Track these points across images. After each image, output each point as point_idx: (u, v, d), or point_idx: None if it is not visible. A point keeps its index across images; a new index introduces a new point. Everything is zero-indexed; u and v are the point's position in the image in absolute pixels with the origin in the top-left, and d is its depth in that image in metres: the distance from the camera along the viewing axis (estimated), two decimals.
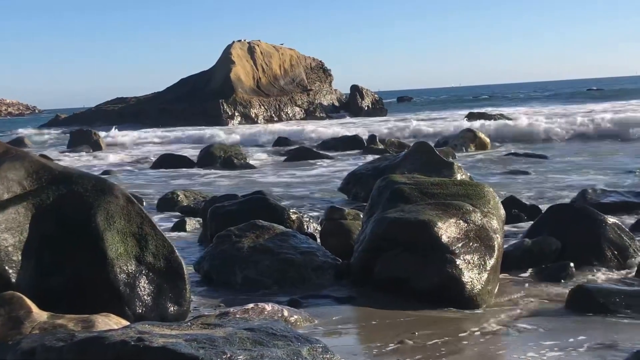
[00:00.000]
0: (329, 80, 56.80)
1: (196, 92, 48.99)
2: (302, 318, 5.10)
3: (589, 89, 78.09)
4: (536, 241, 6.70)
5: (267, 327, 3.41)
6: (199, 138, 31.42)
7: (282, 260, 6.35)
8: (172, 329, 3.37)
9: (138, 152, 26.64)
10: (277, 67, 52.28)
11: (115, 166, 21.32)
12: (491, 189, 6.61)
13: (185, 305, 4.91)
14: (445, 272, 5.62)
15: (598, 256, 6.60)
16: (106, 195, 4.89)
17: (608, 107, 36.52)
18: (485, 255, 5.84)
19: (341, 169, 17.13)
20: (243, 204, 8.27)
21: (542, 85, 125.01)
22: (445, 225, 5.80)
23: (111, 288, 4.66)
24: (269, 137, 28.77)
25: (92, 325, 4.05)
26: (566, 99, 55.15)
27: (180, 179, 16.89)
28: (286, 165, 19.23)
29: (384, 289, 5.83)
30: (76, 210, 4.80)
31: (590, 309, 5.21)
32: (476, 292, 5.61)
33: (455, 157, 17.90)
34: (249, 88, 48.98)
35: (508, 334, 4.84)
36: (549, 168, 15.80)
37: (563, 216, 7.03)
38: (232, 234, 6.72)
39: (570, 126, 24.85)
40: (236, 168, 18.78)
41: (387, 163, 12.35)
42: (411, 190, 6.40)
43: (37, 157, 5.17)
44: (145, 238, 4.88)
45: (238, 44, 51.65)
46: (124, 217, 4.87)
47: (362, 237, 6.33)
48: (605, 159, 17.08)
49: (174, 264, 4.91)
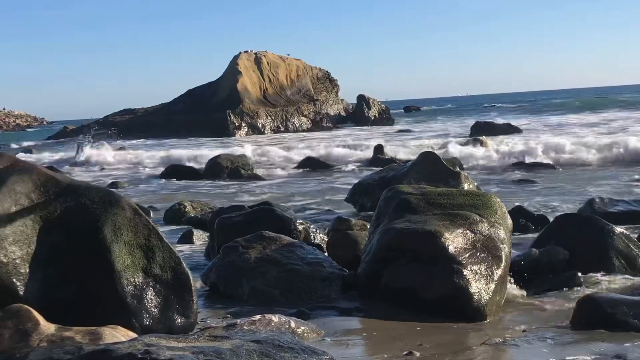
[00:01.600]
0: (335, 90, 56.87)
1: (203, 103, 49.13)
2: (309, 329, 5.09)
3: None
4: (544, 251, 6.69)
5: (274, 339, 3.41)
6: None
7: (289, 271, 6.35)
8: (179, 341, 3.37)
9: (146, 163, 26.65)
10: (284, 78, 52.39)
11: (123, 177, 21.37)
12: (498, 199, 6.60)
13: (193, 317, 4.91)
14: (452, 282, 5.62)
15: (606, 266, 6.58)
16: (113, 207, 4.90)
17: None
18: (492, 265, 5.83)
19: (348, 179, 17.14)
20: (250, 214, 8.28)
21: (548, 94, 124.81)
22: (452, 236, 5.80)
23: (118, 300, 4.66)
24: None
25: (99, 337, 4.05)
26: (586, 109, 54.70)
27: (188, 189, 16.93)
28: (293, 175, 19.21)
29: (391, 299, 5.83)
30: (83, 223, 4.80)
31: (598, 320, 5.17)
32: (483, 303, 5.60)
33: (462, 166, 17.88)
34: (255, 98, 49.09)
35: (516, 345, 4.82)
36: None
37: (570, 226, 7.02)
38: (239, 245, 6.73)
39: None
40: (243, 179, 18.79)
41: (394, 173, 12.35)
42: (418, 200, 6.39)
43: (44, 169, 5.18)
44: (152, 250, 4.89)
45: (245, 55, 51.80)
46: (131, 229, 4.88)
47: (369, 247, 6.33)
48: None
49: (181, 275, 4.91)
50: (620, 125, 33.21)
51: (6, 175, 4.80)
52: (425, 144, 26.47)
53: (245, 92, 48.44)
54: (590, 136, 24.85)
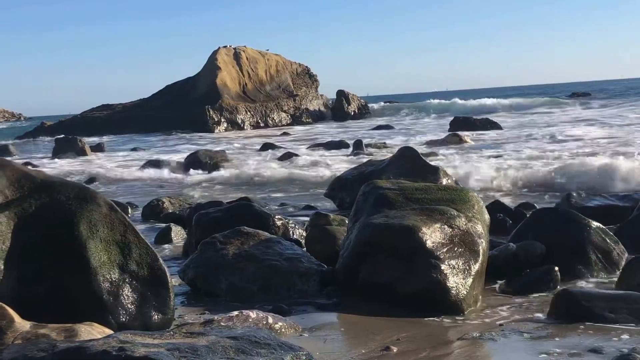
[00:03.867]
0: (315, 85, 56.84)
1: (182, 99, 48.95)
2: (287, 325, 5.08)
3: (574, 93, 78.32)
4: (521, 245, 6.71)
5: (251, 335, 3.40)
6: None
7: (267, 267, 6.33)
8: (155, 338, 3.35)
9: (124, 159, 26.55)
10: (263, 73, 52.31)
11: (101, 173, 21.22)
12: (475, 194, 6.63)
13: (169, 313, 4.89)
14: (430, 277, 5.62)
15: (583, 260, 6.61)
16: (89, 203, 4.87)
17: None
18: (470, 260, 5.84)
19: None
20: (228, 210, 8.26)
21: (532, 88, 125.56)
22: (430, 231, 5.81)
23: (94, 297, 4.64)
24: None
25: (74, 334, 4.02)
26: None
27: (167, 184, 16.85)
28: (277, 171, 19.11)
29: (369, 294, 5.82)
30: (59, 219, 4.77)
31: (574, 313, 5.20)
32: (461, 298, 5.61)
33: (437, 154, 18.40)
34: (235, 94, 48.98)
35: (493, 339, 4.84)
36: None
37: (547, 220, 7.05)
38: (217, 241, 6.69)
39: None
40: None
41: (373, 168, 12.35)
42: (396, 195, 6.40)
43: (19, 165, 5.14)
44: (128, 246, 4.87)
45: (224, 50, 51.65)
46: (107, 225, 4.85)
47: (347, 242, 6.33)
48: None
49: (158, 272, 4.89)
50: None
51: None
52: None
53: (225, 87, 48.31)
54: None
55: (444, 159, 18.50)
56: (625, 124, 29.09)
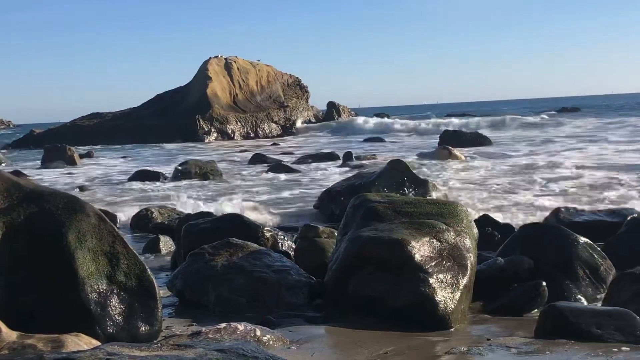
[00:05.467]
0: (305, 96, 56.92)
1: (172, 108, 48.90)
2: (275, 338, 5.07)
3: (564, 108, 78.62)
4: (509, 260, 6.72)
5: (238, 348, 3.39)
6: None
7: (255, 279, 6.32)
8: (142, 350, 3.33)
9: (113, 168, 26.50)
10: (254, 84, 52.33)
11: (90, 181, 21.17)
12: (464, 208, 6.65)
13: (157, 324, 4.88)
14: (418, 291, 5.63)
15: (570, 276, 6.63)
16: (78, 213, 4.86)
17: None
18: (458, 274, 5.85)
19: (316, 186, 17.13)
20: (217, 221, 8.25)
21: (523, 102, 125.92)
22: (419, 244, 5.82)
23: (82, 307, 4.62)
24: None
25: (61, 345, 4.01)
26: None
27: (156, 194, 16.81)
28: (267, 183, 19.09)
29: (358, 308, 5.83)
30: (47, 229, 4.76)
31: (562, 329, 5.20)
32: (449, 311, 5.62)
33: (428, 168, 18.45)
34: (225, 104, 48.96)
35: (480, 354, 4.84)
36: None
37: (535, 235, 7.07)
38: (206, 252, 6.68)
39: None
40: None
41: (362, 181, 12.38)
42: (385, 208, 6.41)
43: (7, 174, 5.12)
44: (117, 257, 4.85)
45: (215, 60, 51.67)
46: (95, 235, 4.84)
47: (336, 255, 6.33)
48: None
49: (146, 283, 4.88)
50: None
51: None
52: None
53: (215, 97, 48.30)
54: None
55: (432, 172, 18.55)
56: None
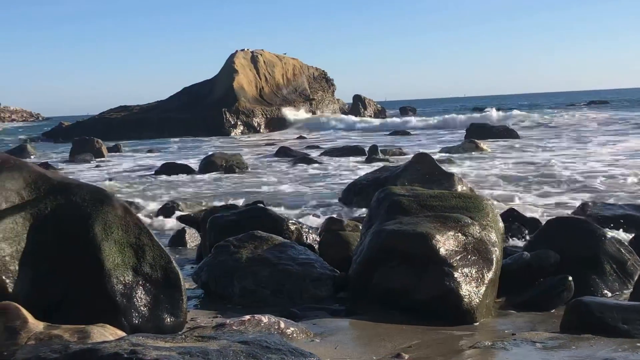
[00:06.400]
0: (331, 89, 56.93)
1: (199, 101, 49.09)
2: (299, 330, 5.08)
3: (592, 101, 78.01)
4: (535, 254, 6.68)
5: (262, 340, 3.41)
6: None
7: (280, 272, 6.34)
8: (167, 341, 3.36)
9: (140, 160, 26.69)
10: (280, 77, 52.41)
11: (117, 174, 21.33)
12: (490, 202, 6.61)
13: (182, 316, 4.90)
14: (442, 284, 5.61)
15: (597, 270, 6.58)
16: (104, 205, 4.90)
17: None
18: (483, 268, 5.83)
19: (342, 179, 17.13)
20: (242, 214, 8.27)
21: (557, 95, 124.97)
22: (444, 238, 5.80)
23: (108, 299, 4.65)
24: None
25: (87, 336, 4.05)
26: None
27: (182, 187, 16.90)
28: (292, 176, 19.11)
29: (382, 301, 5.82)
30: (74, 221, 4.80)
31: (587, 323, 5.16)
32: (474, 306, 5.60)
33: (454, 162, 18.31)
34: (251, 97, 49.09)
35: (505, 349, 4.81)
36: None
37: (562, 229, 7.01)
38: (231, 245, 6.71)
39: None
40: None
41: (387, 174, 12.35)
42: (410, 202, 6.39)
43: (35, 167, 5.17)
44: (142, 249, 4.88)
45: (241, 53, 51.80)
46: (121, 227, 4.88)
47: (360, 248, 6.33)
48: None
49: (171, 274, 4.91)
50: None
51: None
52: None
53: (241, 90, 48.43)
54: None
55: (458, 165, 18.49)
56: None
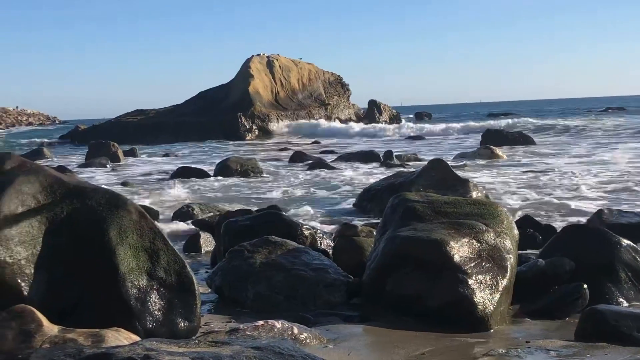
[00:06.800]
0: (347, 94, 56.97)
1: (214, 106, 49.26)
2: (312, 336, 5.08)
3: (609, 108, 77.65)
4: (550, 262, 6.65)
5: (275, 346, 3.41)
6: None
7: (293, 277, 6.35)
8: (180, 346, 3.37)
9: (156, 164, 26.78)
10: (296, 81, 52.51)
11: (132, 178, 21.41)
12: (505, 209, 6.59)
13: (196, 320, 4.92)
14: (456, 291, 5.60)
15: (612, 278, 6.53)
16: (119, 209, 4.92)
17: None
18: (497, 275, 5.81)
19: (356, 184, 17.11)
20: (256, 219, 8.28)
21: (563, 102, 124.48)
22: (458, 245, 5.79)
23: (122, 303, 4.67)
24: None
25: (101, 340, 4.07)
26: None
27: (197, 191, 16.94)
28: (306, 180, 19.12)
29: (395, 307, 5.82)
30: (89, 224, 4.82)
31: (602, 332, 5.14)
32: (488, 313, 5.58)
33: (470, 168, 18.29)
34: (267, 102, 49.21)
35: (519, 357, 4.79)
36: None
37: (577, 237, 6.98)
38: (245, 250, 6.73)
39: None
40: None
41: (402, 180, 12.34)
42: (424, 208, 6.39)
43: (51, 171, 5.20)
44: (157, 253, 4.90)
45: (257, 58, 51.94)
46: (136, 231, 4.90)
47: (374, 254, 6.32)
48: None
49: (185, 279, 4.92)
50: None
51: (13, 176, 4.83)
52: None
53: (257, 95, 48.56)
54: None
55: (474, 171, 18.44)
56: None
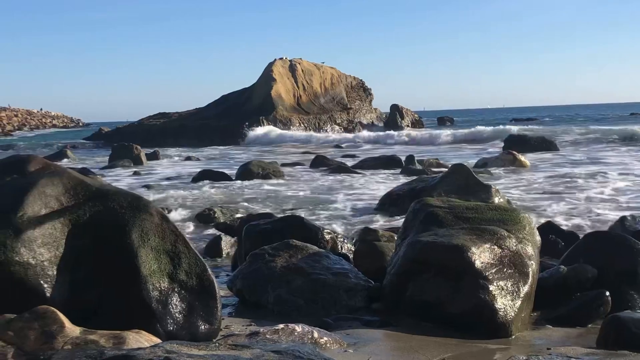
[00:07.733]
0: (369, 99, 56.96)
1: (237, 109, 49.43)
2: (332, 340, 5.08)
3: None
4: (572, 269, 6.60)
5: (295, 350, 3.42)
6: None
7: (314, 281, 6.36)
8: (200, 349, 3.39)
9: (178, 167, 26.91)
10: (318, 85, 52.56)
11: (155, 181, 21.52)
12: (527, 215, 6.56)
13: (216, 323, 4.93)
14: (477, 297, 5.58)
15: (635, 285, 6.49)
16: (141, 212, 4.95)
17: None
18: (519, 282, 5.78)
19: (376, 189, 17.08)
20: (277, 222, 8.30)
21: (585, 108, 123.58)
22: (479, 251, 5.77)
23: (144, 305, 4.70)
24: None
25: (123, 342, 4.09)
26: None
27: (219, 194, 17.00)
28: (328, 185, 19.11)
29: (416, 312, 5.80)
30: (111, 227, 4.86)
31: (624, 340, 5.10)
32: (509, 320, 5.55)
33: (492, 174, 18.11)
34: (289, 105, 49.32)
35: None
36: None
37: (600, 244, 6.92)
38: (266, 253, 6.75)
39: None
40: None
41: (423, 185, 12.31)
42: (445, 214, 6.37)
43: (75, 173, 5.25)
44: (178, 256, 4.93)
45: (280, 62, 52.05)
46: (158, 234, 4.92)
47: (395, 259, 6.31)
48: None
49: (206, 282, 4.94)
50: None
51: (37, 178, 4.88)
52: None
53: (279, 99, 48.69)
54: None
55: (496, 177, 18.36)
56: None
